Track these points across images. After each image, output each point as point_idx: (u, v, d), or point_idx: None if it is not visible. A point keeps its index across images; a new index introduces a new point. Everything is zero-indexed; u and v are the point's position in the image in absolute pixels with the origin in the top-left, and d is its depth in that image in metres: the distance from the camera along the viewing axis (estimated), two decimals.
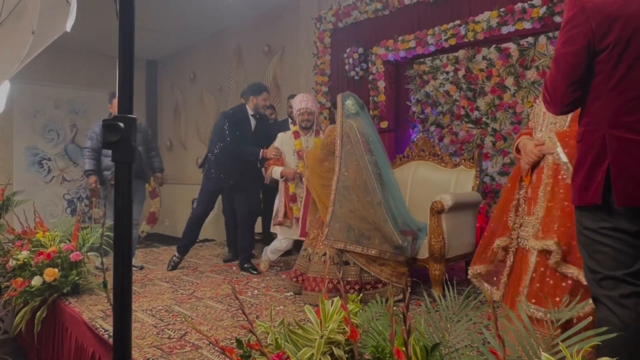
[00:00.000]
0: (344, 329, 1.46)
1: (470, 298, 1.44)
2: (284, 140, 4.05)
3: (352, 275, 3.16)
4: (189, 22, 6.89)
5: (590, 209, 1.45)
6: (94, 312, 2.96)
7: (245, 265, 4.23)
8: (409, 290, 3.32)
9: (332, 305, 1.51)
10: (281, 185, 4.01)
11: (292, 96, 4.26)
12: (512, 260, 2.02)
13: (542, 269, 1.84)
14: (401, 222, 3.37)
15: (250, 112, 4.35)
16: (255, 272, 4.14)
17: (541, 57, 4.20)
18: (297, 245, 4.34)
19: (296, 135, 4.01)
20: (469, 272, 2.18)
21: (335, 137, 3.42)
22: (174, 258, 4.39)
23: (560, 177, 1.83)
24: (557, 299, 1.77)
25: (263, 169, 4.16)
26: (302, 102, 3.98)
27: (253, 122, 4.40)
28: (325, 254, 3.22)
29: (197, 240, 5.08)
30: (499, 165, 4.48)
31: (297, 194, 3.93)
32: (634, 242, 1.38)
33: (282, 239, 4.03)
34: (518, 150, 2.12)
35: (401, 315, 1.38)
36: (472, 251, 3.55)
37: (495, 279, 2.11)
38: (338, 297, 1.48)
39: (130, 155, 0.76)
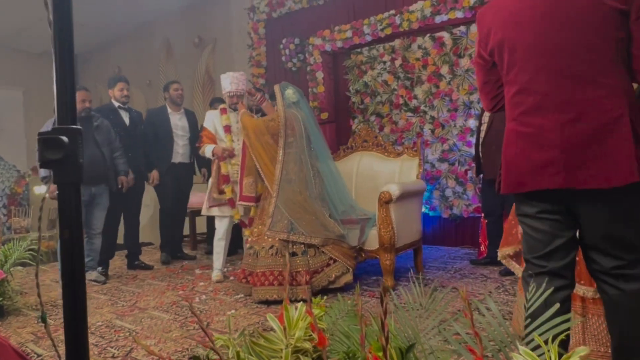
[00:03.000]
0: (310, 335, 1.39)
1: (437, 291, 1.42)
2: (214, 119, 3.86)
3: (301, 266, 3.13)
4: (111, 13, 6.45)
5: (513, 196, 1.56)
6: (23, 335, 2.68)
7: (136, 263, 4.47)
8: (384, 292, 3.33)
9: (296, 311, 1.43)
10: (214, 166, 3.84)
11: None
12: None
13: None
14: (342, 211, 3.40)
15: (115, 104, 4.29)
16: (147, 266, 4.42)
17: (473, 46, 4.32)
18: (237, 229, 4.23)
19: (223, 111, 3.85)
20: (499, 254, 2.20)
21: (279, 127, 3.37)
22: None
23: None
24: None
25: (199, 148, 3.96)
26: (232, 85, 3.78)
27: (125, 115, 4.32)
28: (272, 247, 3.16)
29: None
30: (439, 152, 4.59)
31: (231, 174, 3.75)
32: (536, 225, 1.47)
33: (220, 219, 3.81)
34: None
35: (368, 316, 1.33)
36: (419, 238, 3.62)
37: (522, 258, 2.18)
38: (302, 302, 1.41)
39: (78, 175, 0.63)
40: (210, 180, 3.86)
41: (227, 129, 3.81)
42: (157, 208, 5.88)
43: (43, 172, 3.74)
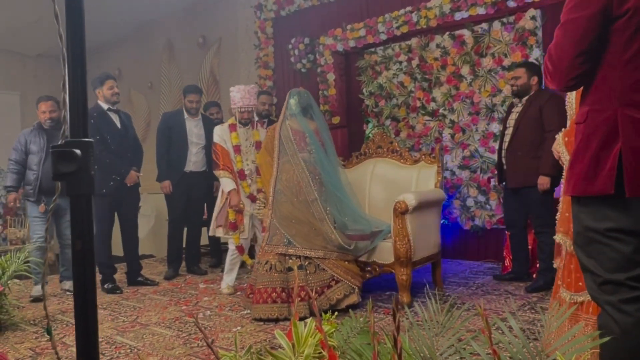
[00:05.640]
0: (320, 353, 1.43)
1: (454, 308, 1.45)
2: (222, 135, 3.92)
3: (298, 282, 3.17)
4: (111, 12, 6.58)
5: (593, 204, 1.37)
6: (21, 351, 2.76)
7: (138, 279, 4.42)
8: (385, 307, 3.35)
9: (305, 327, 1.47)
10: (223, 197, 3.95)
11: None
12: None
13: (567, 255, 1.92)
14: (351, 227, 3.43)
15: (104, 106, 4.20)
16: (151, 283, 4.38)
17: (496, 44, 4.35)
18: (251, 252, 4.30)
19: (232, 128, 3.92)
20: (554, 265, 2.18)
21: (274, 138, 3.48)
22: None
23: None
24: (580, 283, 1.84)
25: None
26: (243, 100, 3.87)
27: (115, 117, 4.25)
28: (267, 262, 3.22)
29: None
30: (459, 158, 4.60)
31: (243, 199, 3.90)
32: (629, 239, 1.31)
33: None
34: None
35: (382, 334, 1.37)
36: (438, 252, 3.64)
37: None
38: (312, 318, 1.45)
39: (90, 187, 0.69)
40: (217, 204, 3.97)
41: (237, 149, 3.90)
42: (161, 218, 5.95)
43: (10, 179, 4.05)
